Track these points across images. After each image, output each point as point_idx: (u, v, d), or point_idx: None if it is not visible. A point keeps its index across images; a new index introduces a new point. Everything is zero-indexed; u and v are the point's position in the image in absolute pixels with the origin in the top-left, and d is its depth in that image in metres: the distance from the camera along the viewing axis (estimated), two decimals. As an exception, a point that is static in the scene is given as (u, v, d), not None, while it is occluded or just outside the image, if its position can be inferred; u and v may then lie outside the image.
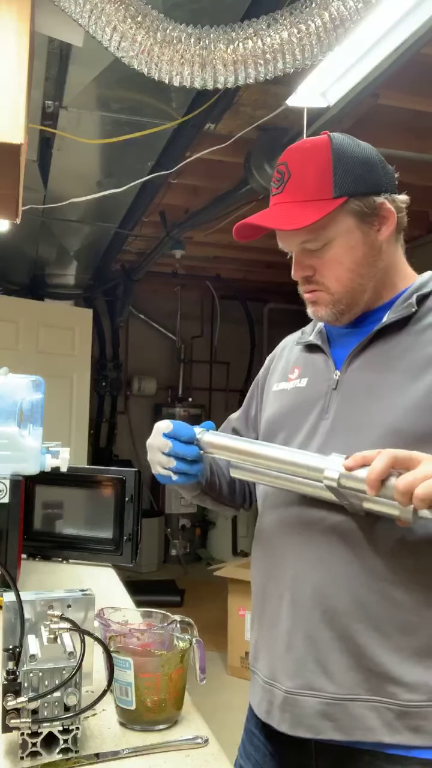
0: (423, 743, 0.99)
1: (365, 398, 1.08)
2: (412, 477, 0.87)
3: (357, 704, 1.01)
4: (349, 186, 1.08)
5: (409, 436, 1.00)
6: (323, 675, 1.03)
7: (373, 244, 1.11)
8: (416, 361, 1.05)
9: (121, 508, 1.91)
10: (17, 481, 1.55)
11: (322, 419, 1.12)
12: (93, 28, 1.44)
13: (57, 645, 0.97)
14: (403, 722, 1.00)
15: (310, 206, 1.07)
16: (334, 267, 1.10)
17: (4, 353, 4.98)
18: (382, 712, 1.00)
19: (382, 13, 1.65)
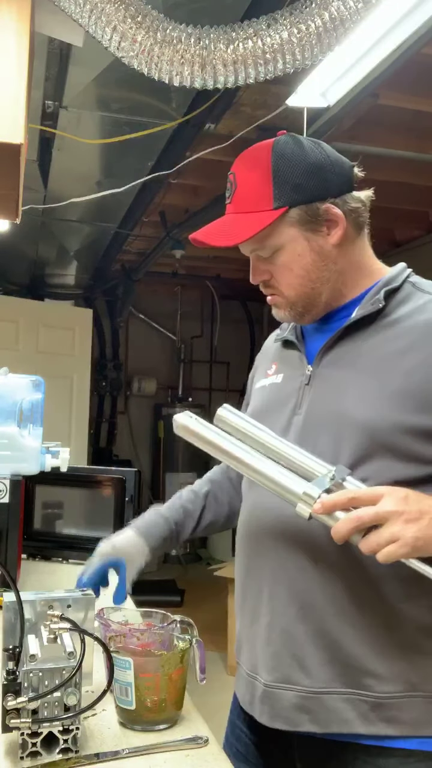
0: (397, 733, 1.01)
1: (336, 393, 1.09)
2: (375, 544, 0.91)
3: (332, 697, 1.03)
4: (288, 196, 1.08)
5: (376, 431, 1.02)
6: (299, 669, 1.05)
7: (321, 249, 1.11)
8: (385, 356, 1.07)
9: (121, 508, 1.91)
10: (17, 481, 1.55)
11: (295, 414, 1.13)
12: (93, 28, 1.44)
13: (57, 645, 0.97)
14: (378, 713, 1.02)
15: (251, 218, 1.09)
16: (284, 273, 1.12)
17: (4, 353, 4.97)
18: (357, 705, 1.02)
19: (382, 13, 1.65)
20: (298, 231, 1.10)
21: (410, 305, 1.10)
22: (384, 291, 1.11)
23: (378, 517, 0.91)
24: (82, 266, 5.37)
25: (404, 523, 0.91)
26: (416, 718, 1.02)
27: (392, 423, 1.02)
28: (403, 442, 1.02)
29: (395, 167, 3.44)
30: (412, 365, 1.04)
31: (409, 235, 4.59)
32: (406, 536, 0.90)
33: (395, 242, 4.73)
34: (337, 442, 1.05)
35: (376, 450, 1.03)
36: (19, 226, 2.14)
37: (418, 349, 1.05)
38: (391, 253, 4.90)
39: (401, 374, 1.04)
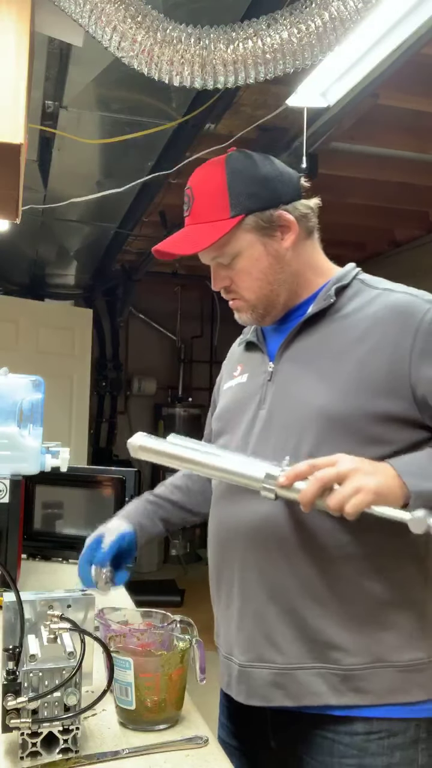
0: (365, 702, 1.09)
1: (296, 385, 1.17)
2: (341, 496, 0.98)
3: (304, 672, 1.10)
4: (243, 205, 1.17)
5: (335, 416, 1.11)
6: (272, 648, 1.12)
7: (277, 252, 1.19)
8: (339, 347, 1.15)
9: (121, 508, 1.91)
10: (17, 481, 1.55)
11: (260, 409, 1.21)
12: (93, 28, 1.44)
13: (57, 645, 0.97)
14: (347, 685, 1.09)
15: (210, 227, 1.17)
16: (244, 278, 1.20)
17: (4, 353, 4.97)
18: (327, 678, 1.09)
19: (382, 13, 1.65)
20: (254, 237, 1.18)
21: (360, 300, 1.18)
22: (335, 288, 1.19)
23: (339, 475, 0.99)
24: (82, 266, 5.37)
25: (364, 476, 0.99)
26: (382, 687, 1.09)
27: (349, 407, 1.10)
28: (361, 425, 1.10)
29: (395, 167, 3.44)
30: (365, 353, 1.12)
31: (409, 235, 4.58)
32: (369, 485, 0.98)
33: (395, 242, 4.73)
34: (300, 429, 1.13)
35: (335, 433, 1.10)
36: (19, 226, 2.14)
37: (369, 338, 1.12)
38: (391, 253, 4.90)
39: (355, 362, 1.12)
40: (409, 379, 1.09)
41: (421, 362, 1.09)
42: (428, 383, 1.08)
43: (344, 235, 4.75)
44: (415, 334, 1.10)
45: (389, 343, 1.11)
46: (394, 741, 1.09)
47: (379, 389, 1.10)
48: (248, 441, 1.20)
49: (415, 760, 1.10)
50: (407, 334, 1.10)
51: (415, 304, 1.13)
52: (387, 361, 1.10)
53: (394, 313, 1.13)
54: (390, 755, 1.09)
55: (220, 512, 1.23)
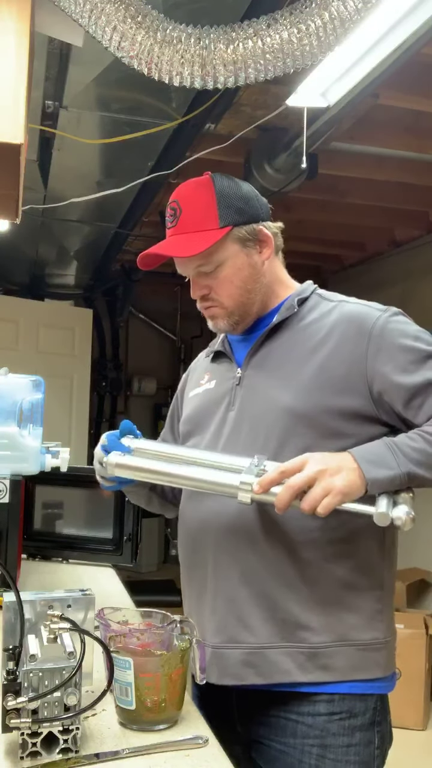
0: (331, 679, 1.18)
1: (263, 388, 1.27)
2: (312, 500, 1.07)
3: (274, 651, 1.19)
4: (231, 217, 1.27)
5: (299, 413, 1.21)
6: (244, 629, 1.20)
7: (255, 264, 1.30)
8: (301, 352, 1.25)
9: (121, 508, 1.91)
10: (17, 481, 1.55)
11: (229, 411, 1.31)
12: (93, 28, 1.44)
13: (57, 645, 0.97)
14: (313, 662, 1.18)
15: (200, 236, 1.25)
16: (226, 285, 1.29)
17: (4, 353, 4.97)
18: (295, 656, 1.18)
19: (382, 13, 1.65)
20: (238, 247, 1.28)
21: (318, 311, 1.30)
22: (297, 299, 1.31)
23: (309, 479, 1.08)
24: (82, 266, 5.36)
25: (330, 477, 1.09)
26: (346, 664, 1.18)
27: (312, 404, 1.21)
28: (322, 420, 1.20)
29: (395, 167, 3.44)
30: (324, 356, 1.23)
31: (409, 235, 4.58)
32: (337, 486, 1.08)
33: (395, 242, 4.73)
34: (268, 427, 1.23)
35: (300, 429, 1.21)
36: (19, 226, 2.14)
37: (328, 343, 1.24)
38: (391, 253, 4.90)
39: (316, 365, 1.23)
40: (365, 377, 1.20)
41: (375, 360, 1.20)
42: (382, 378, 1.19)
43: (344, 235, 4.75)
44: (369, 337, 1.21)
45: (347, 346, 1.22)
46: (354, 722, 1.19)
47: (339, 387, 1.21)
48: (218, 441, 1.29)
49: (372, 741, 1.21)
50: (362, 338, 1.22)
51: (367, 312, 1.25)
52: (345, 362, 1.21)
53: (350, 320, 1.25)
54: (350, 736, 1.19)
55: (192, 506, 1.31)
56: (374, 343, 1.21)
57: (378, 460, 1.12)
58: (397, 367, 1.19)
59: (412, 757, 3.18)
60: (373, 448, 1.15)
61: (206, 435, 1.33)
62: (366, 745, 1.20)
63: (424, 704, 3.47)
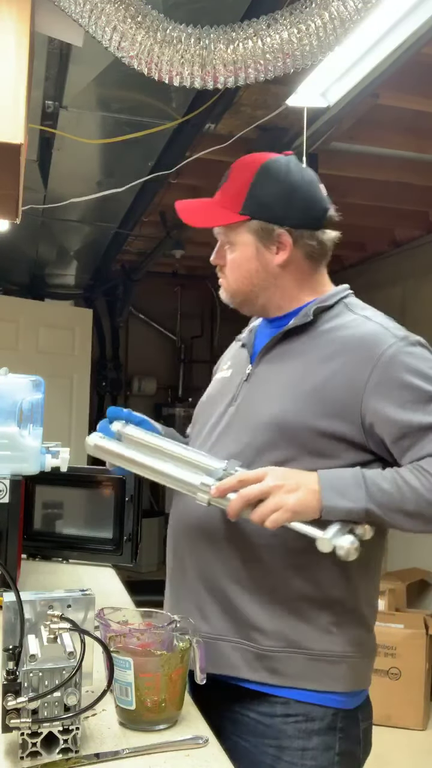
0: (278, 683, 1.18)
1: (263, 390, 1.27)
2: (261, 513, 1.09)
3: (224, 644, 1.21)
4: (253, 209, 1.26)
5: (283, 425, 1.20)
6: (201, 618, 1.23)
7: (266, 263, 1.28)
8: (307, 363, 1.23)
9: (121, 508, 1.91)
10: (17, 481, 1.55)
11: (231, 405, 1.31)
12: (93, 28, 1.44)
13: (57, 645, 0.97)
14: (261, 663, 1.19)
15: (223, 213, 1.27)
16: (232, 268, 1.30)
17: (4, 353, 4.97)
18: (244, 653, 1.20)
19: (382, 13, 1.65)
20: (253, 239, 1.27)
21: (337, 321, 1.26)
22: (315, 308, 1.26)
23: (262, 492, 1.10)
24: (82, 266, 5.36)
25: (285, 494, 1.10)
26: (295, 672, 1.18)
27: (298, 420, 1.19)
28: (306, 439, 1.18)
29: (395, 167, 3.43)
30: (326, 375, 1.20)
31: (409, 235, 4.58)
32: (288, 503, 1.09)
33: (395, 242, 4.73)
34: (253, 431, 1.23)
35: (282, 442, 1.20)
36: (19, 226, 2.14)
37: (334, 361, 1.20)
38: (391, 253, 4.90)
39: (315, 381, 1.20)
40: (360, 407, 1.17)
41: (372, 395, 1.16)
42: (375, 414, 1.16)
43: (344, 235, 4.71)
44: (374, 365, 1.17)
45: (349, 371, 1.18)
46: (310, 726, 1.17)
47: (331, 411, 1.18)
48: (212, 434, 1.31)
49: (332, 747, 1.18)
50: (368, 365, 1.17)
51: (382, 337, 1.20)
52: (344, 386, 1.18)
53: (361, 342, 1.20)
54: (306, 739, 1.17)
55: (176, 505, 1.34)
56: (377, 373, 1.17)
57: (341, 490, 1.11)
58: (394, 402, 1.15)
59: (412, 757, 3.18)
60: (341, 476, 1.14)
61: (206, 426, 1.34)
62: (324, 750, 1.18)
63: (424, 704, 3.47)
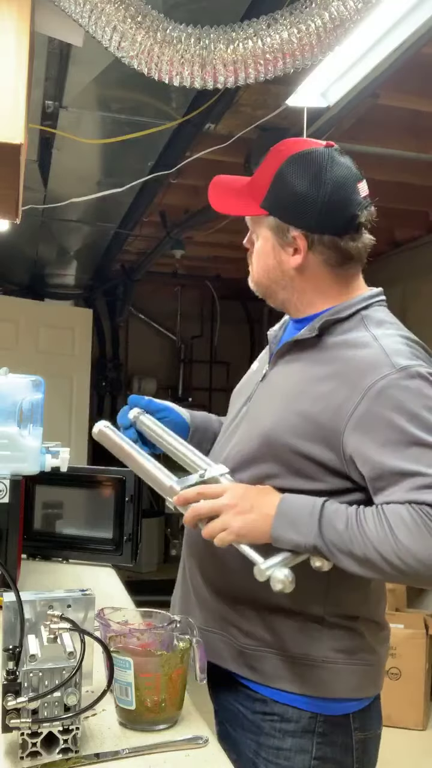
0: (257, 680, 1.20)
1: (268, 397, 1.25)
2: (209, 530, 1.11)
3: (213, 635, 1.24)
4: (271, 204, 1.21)
5: (272, 441, 1.17)
6: (197, 606, 1.29)
7: (282, 262, 1.23)
8: (308, 377, 1.19)
9: (121, 508, 1.91)
10: (17, 481, 1.55)
11: (245, 405, 1.31)
12: (93, 28, 1.44)
13: (57, 645, 0.97)
14: (242, 659, 1.21)
15: (246, 202, 1.24)
16: (257, 257, 1.27)
17: (4, 353, 4.97)
18: (228, 646, 1.23)
19: (382, 13, 1.65)
20: (271, 235, 1.23)
21: (347, 336, 1.19)
22: (322, 322, 1.20)
23: (213, 509, 1.11)
24: (82, 266, 5.36)
25: (234, 515, 1.10)
26: (271, 671, 1.19)
27: (282, 440, 1.16)
28: (288, 459, 1.16)
29: (395, 167, 3.43)
30: (319, 395, 1.15)
31: (409, 235, 4.58)
32: (233, 526, 1.10)
33: (395, 242, 4.73)
34: (246, 439, 1.23)
35: (268, 457, 1.18)
36: (19, 226, 2.14)
37: (330, 381, 1.15)
38: (391, 253, 4.90)
39: (311, 399, 1.16)
40: (342, 437, 1.11)
41: (355, 427, 1.10)
42: (355, 449, 1.11)
43: (344, 235, 4.74)
44: (361, 398, 1.10)
45: (339, 397, 1.12)
46: (285, 726, 1.17)
47: (316, 435, 1.14)
48: (228, 430, 1.32)
49: (307, 750, 1.16)
50: (355, 395, 1.11)
51: (378, 365, 1.11)
52: (331, 413, 1.12)
53: (356, 368, 1.13)
54: (280, 739, 1.17)
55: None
56: (364, 405, 1.10)
57: (294, 521, 1.08)
58: (374, 440, 1.08)
59: (412, 757, 3.17)
60: (299, 506, 1.10)
61: (229, 419, 1.35)
62: (298, 752, 1.16)
63: (424, 704, 3.47)
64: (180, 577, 1.39)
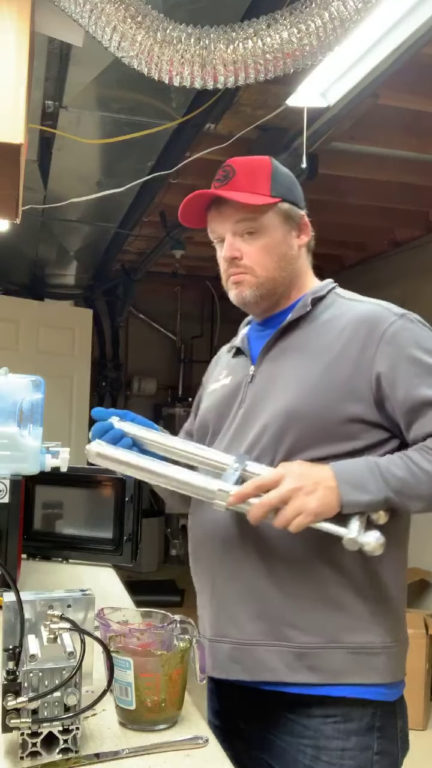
0: (319, 681, 1.16)
1: (271, 385, 1.27)
2: (284, 519, 1.09)
3: (260, 649, 1.18)
4: (283, 191, 1.29)
5: (301, 415, 1.20)
6: (232, 624, 1.21)
7: (291, 246, 1.30)
8: (312, 351, 1.24)
9: (121, 508, 1.91)
10: (17, 481, 1.55)
11: (240, 408, 1.31)
12: (93, 28, 1.44)
13: (57, 645, 0.97)
14: (301, 663, 1.16)
15: (252, 196, 1.26)
16: (262, 254, 1.28)
17: (4, 353, 4.97)
18: (282, 655, 1.17)
19: (382, 13, 1.65)
20: (281, 222, 1.29)
21: (333, 310, 1.29)
22: (311, 298, 1.30)
23: (282, 497, 1.09)
24: (82, 266, 5.36)
25: (305, 496, 1.09)
26: (336, 667, 1.16)
27: (316, 408, 1.19)
28: (326, 424, 1.19)
29: (395, 167, 3.43)
30: (333, 357, 1.21)
31: (409, 235, 4.58)
32: (309, 507, 1.09)
33: (395, 242, 4.73)
34: (267, 426, 1.22)
35: (301, 432, 1.19)
36: (19, 226, 2.14)
37: (338, 343, 1.22)
38: (391, 253, 4.90)
39: (323, 366, 1.21)
40: (371, 381, 1.18)
41: (379, 371, 1.18)
42: (383, 390, 1.18)
43: (344, 235, 4.75)
44: (379, 341, 1.19)
45: (355, 350, 1.20)
46: (349, 726, 1.16)
47: (343, 392, 1.19)
48: (225, 438, 1.30)
49: (370, 746, 1.17)
50: (373, 341, 1.19)
51: (382, 314, 1.23)
52: (352, 365, 1.19)
53: (362, 321, 1.22)
54: (345, 739, 1.16)
55: (195, 513, 1.33)
56: (383, 349, 1.19)
57: (358, 483, 1.12)
58: (401, 377, 1.17)
59: (412, 757, 3.17)
60: (355, 470, 1.14)
61: (221, 432, 1.33)
62: (362, 750, 1.16)
63: (424, 704, 3.47)
64: (205, 599, 1.29)
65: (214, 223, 1.30)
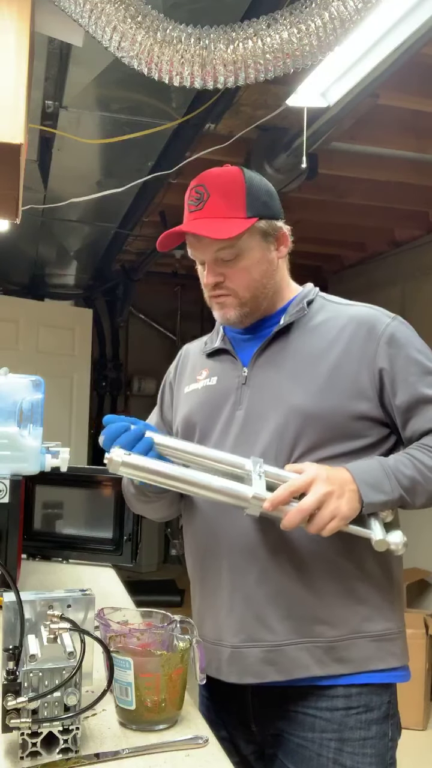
0: (347, 671, 1.21)
1: (272, 387, 1.27)
2: (320, 524, 1.11)
3: (292, 648, 1.21)
4: (258, 207, 1.27)
5: (312, 414, 1.22)
6: (263, 628, 1.21)
7: (271, 260, 1.31)
8: (312, 352, 1.27)
9: (121, 508, 1.91)
10: (17, 481, 1.55)
11: (236, 410, 1.30)
12: (93, 28, 1.44)
13: (57, 645, 0.97)
14: (330, 656, 1.21)
15: (228, 222, 1.24)
16: (243, 276, 1.28)
17: (4, 353, 4.97)
18: (312, 651, 1.20)
19: (382, 13, 1.65)
20: (259, 240, 1.28)
21: (325, 313, 1.32)
22: (305, 301, 1.32)
23: (318, 502, 1.11)
24: (82, 266, 5.36)
25: (337, 500, 1.12)
26: (362, 656, 1.21)
27: (327, 406, 1.22)
28: (337, 421, 1.22)
29: (395, 167, 3.43)
30: (336, 357, 1.25)
31: (409, 235, 4.58)
32: (342, 510, 1.12)
33: (395, 242, 4.73)
34: (278, 426, 1.23)
35: (312, 430, 1.22)
36: (19, 226, 2.14)
37: (339, 344, 1.26)
38: (391, 253, 4.90)
39: (328, 366, 1.24)
40: (374, 379, 1.23)
41: (380, 369, 1.24)
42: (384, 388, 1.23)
43: (344, 235, 4.75)
44: (378, 341, 1.25)
45: (357, 349, 1.25)
46: (370, 716, 1.22)
47: (351, 391, 1.23)
48: (226, 440, 1.28)
49: (386, 734, 1.24)
50: (372, 341, 1.25)
51: (378, 316, 1.28)
52: (356, 363, 1.24)
53: (361, 322, 1.27)
54: (367, 729, 1.22)
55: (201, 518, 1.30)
56: (383, 348, 1.24)
57: (375, 484, 1.15)
58: (400, 376, 1.23)
59: (412, 757, 3.18)
60: (370, 470, 1.17)
61: (212, 435, 1.31)
62: (381, 738, 1.23)
63: (424, 704, 3.47)
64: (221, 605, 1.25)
65: (193, 249, 1.31)
